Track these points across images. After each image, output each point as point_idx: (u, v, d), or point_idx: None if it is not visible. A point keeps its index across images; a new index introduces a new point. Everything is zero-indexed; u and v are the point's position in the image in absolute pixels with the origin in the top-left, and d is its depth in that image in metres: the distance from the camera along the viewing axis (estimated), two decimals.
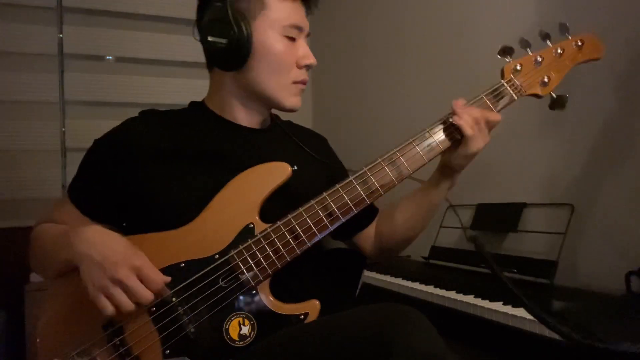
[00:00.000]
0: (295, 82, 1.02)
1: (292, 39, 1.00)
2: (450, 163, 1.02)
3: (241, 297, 0.89)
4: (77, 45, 2.54)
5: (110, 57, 2.65)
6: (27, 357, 2.00)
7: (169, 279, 0.87)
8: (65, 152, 2.50)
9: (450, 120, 0.97)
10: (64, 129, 2.50)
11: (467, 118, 0.96)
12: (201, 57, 1.06)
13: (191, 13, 1.05)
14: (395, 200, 1.13)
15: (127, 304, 0.82)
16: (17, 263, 2.14)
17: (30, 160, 2.46)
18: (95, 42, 2.58)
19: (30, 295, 2.06)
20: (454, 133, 0.99)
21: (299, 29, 1.01)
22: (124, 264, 0.82)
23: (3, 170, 2.41)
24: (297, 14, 1.01)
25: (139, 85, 2.64)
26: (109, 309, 0.82)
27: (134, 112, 1.04)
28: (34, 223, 1.04)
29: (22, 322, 2.03)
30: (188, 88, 2.64)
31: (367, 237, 1.17)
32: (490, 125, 0.99)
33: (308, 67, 1.03)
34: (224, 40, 0.96)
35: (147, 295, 0.83)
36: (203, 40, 1.00)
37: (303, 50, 1.02)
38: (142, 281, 0.83)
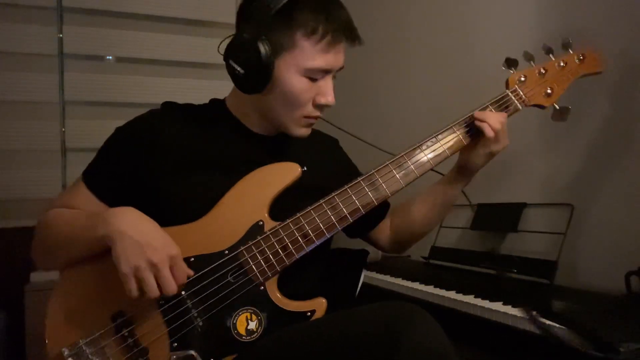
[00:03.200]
0: (306, 117, 0.98)
1: (315, 80, 0.96)
2: (468, 162, 1.07)
3: (249, 293, 0.91)
4: (77, 45, 2.54)
5: (110, 57, 2.65)
6: (28, 356, 2.00)
7: (192, 272, 0.89)
8: (65, 152, 2.50)
9: (472, 122, 1.03)
10: (64, 129, 2.51)
11: (492, 120, 1.01)
12: (201, 57, 1.05)
13: (191, 13, 1.04)
14: (414, 192, 1.15)
15: (155, 291, 0.83)
16: (17, 263, 2.15)
17: (30, 160, 2.46)
18: (95, 42, 2.58)
19: (30, 295, 2.06)
20: (474, 134, 1.05)
21: (327, 72, 0.96)
22: (163, 251, 0.84)
23: (3, 170, 2.41)
24: (332, 60, 0.95)
25: (139, 85, 2.64)
26: (135, 292, 0.83)
27: (135, 112, 1.04)
28: (43, 211, 1.01)
29: (22, 322, 2.03)
30: (188, 88, 2.61)
31: (382, 231, 1.21)
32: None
33: (324, 106, 0.98)
34: (242, 70, 0.93)
35: (174, 288, 0.84)
36: (225, 60, 0.96)
37: (323, 89, 0.96)
38: (172, 271, 0.85)
